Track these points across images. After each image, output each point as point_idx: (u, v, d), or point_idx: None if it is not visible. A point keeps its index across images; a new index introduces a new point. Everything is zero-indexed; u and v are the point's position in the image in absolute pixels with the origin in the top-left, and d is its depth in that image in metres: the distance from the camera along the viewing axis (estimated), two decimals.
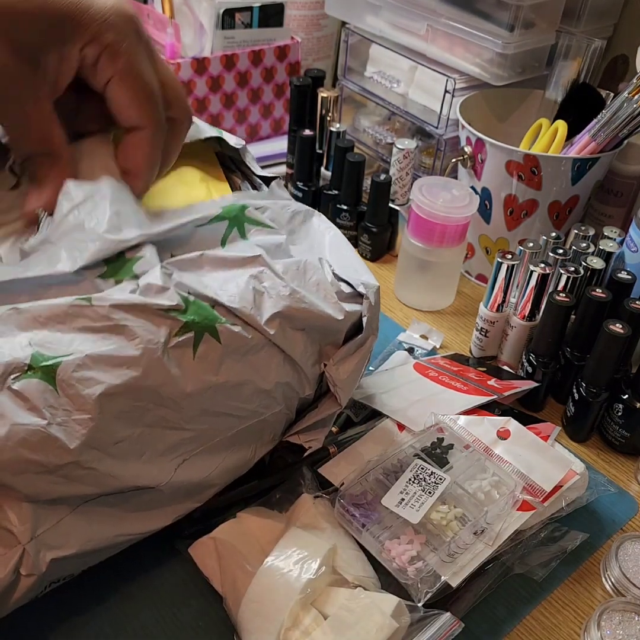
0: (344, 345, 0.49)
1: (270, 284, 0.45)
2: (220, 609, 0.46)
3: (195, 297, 0.42)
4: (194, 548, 0.48)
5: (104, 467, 0.39)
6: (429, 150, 0.86)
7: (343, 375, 0.49)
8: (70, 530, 0.40)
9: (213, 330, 0.42)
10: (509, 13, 0.74)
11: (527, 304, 0.65)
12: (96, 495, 0.41)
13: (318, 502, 0.49)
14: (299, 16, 1.01)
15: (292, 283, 0.46)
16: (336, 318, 0.47)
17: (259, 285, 0.44)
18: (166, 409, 0.41)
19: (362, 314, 0.49)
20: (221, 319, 0.42)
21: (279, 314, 0.44)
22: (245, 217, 0.48)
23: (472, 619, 0.48)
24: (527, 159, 0.69)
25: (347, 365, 0.49)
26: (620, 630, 0.47)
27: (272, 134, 1.02)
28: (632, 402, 0.59)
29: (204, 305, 0.42)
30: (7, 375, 0.37)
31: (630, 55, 0.84)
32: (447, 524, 0.48)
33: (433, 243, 0.72)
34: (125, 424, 0.40)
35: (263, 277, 0.45)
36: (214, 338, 0.42)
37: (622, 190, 0.78)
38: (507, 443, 0.54)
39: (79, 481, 0.39)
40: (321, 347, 0.49)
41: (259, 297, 0.44)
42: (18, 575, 0.39)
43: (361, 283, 0.49)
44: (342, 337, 0.49)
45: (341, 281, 0.49)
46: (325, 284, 0.48)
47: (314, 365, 0.49)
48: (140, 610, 0.47)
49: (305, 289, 0.46)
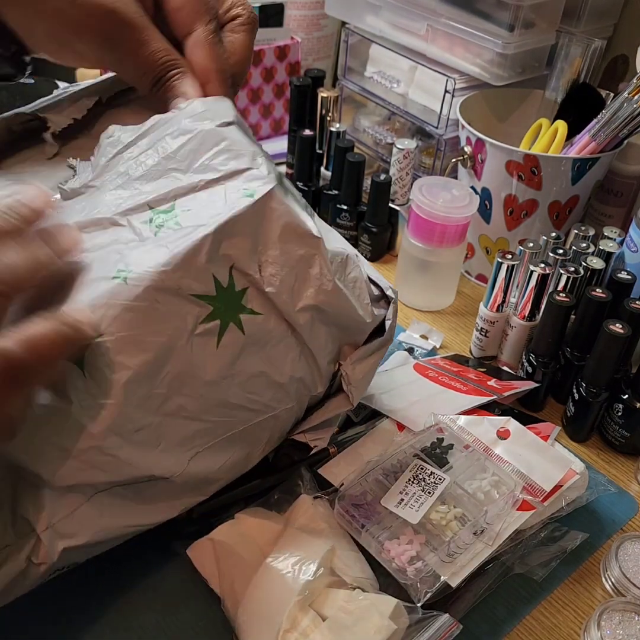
0: (363, 345, 0.50)
1: (317, 272, 0.44)
2: (219, 610, 0.46)
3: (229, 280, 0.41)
4: (193, 549, 0.48)
5: (124, 455, 0.39)
6: (429, 150, 0.85)
7: (359, 375, 0.49)
8: (83, 519, 0.40)
9: (238, 320, 0.42)
10: (509, 13, 0.74)
11: (527, 304, 0.65)
12: (111, 485, 0.41)
13: (317, 503, 0.49)
14: (298, 16, 1.01)
15: (335, 276, 0.45)
16: (366, 320, 0.47)
17: (307, 270, 0.43)
18: (185, 397, 0.41)
19: (386, 317, 0.49)
20: (246, 309, 0.42)
21: (314, 307, 0.44)
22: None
23: (472, 619, 0.47)
24: (527, 159, 0.69)
25: (364, 366, 0.50)
26: (620, 630, 0.47)
27: (272, 134, 1.02)
28: (632, 402, 0.59)
29: (235, 293, 0.41)
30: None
31: (630, 55, 0.84)
32: (446, 524, 0.48)
33: (433, 243, 0.72)
34: (146, 411, 0.39)
35: (313, 262, 0.44)
36: (238, 328, 0.42)
37: (622, 190, 0.78)
38: (507, 443, 0.54)
39: (99, 467, 0.39)
40: (341, 345, 0.49)
41: (300, 283, 0.43)
42: (30, 563, 0.39)
43: (389, 287, 0.49)
44: (364, 338, 0.50)
45: (370, 282, 0.49)
46: (361, 283, 0.47)
47: (330, 364, 0.49)
48: (140, 611, 0.47)
49: (345, 285, 0.46)
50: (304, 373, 0.47)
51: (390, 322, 0.49)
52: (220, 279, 0.40)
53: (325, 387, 0.50)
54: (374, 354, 0.50)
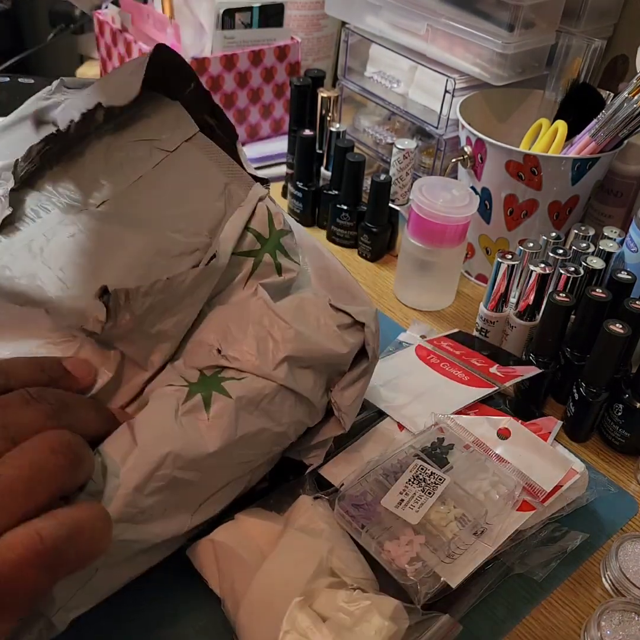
0: (349, 372, 0.50)
1: (273, 328, 0.45)
2: (219, 610, 0.46)
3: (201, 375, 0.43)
4: (192, 550, 0.48)
5: (131, 536, 0.40)
6: (429, 150, 0.85)
7: (348, 401, 0.50)
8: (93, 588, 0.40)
9: (221, 388, 0.42)
10: (509, 13, 0.74)
11: (527, 304, 0.65)
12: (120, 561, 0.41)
13: (317, 503, 0.49)
14: (299, 16, 1.01)
15: (294, 324, 0.45)
16: (341, 352, 0.47)
17: (263, 331, 0.44)
18: (192, 472, 0.41)
19: (365, 343, 0.49)
20: (226, 379, 0.43)
21: (286, 358, 0.44)
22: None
23: (472, 619, 0.47)
24: (527, 159, 0.69)
25: (351, 391, 0.50)
26: (621, 630, 0.47)
27: (272, 134, 1.02)
28: (632, 402, 0.59)
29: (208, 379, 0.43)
30: None
31: (630, 55, 0.84)
32: (446, 525, 0.48)
33: (433, 243, 0.72)
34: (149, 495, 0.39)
35: (265, 321, 0.45)
36: (223, 395, 0.42)
37: (622, 190, 0.78)
38: (507, 443, 0.54)
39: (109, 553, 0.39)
40: (329, 376, 0.49)
41: (263, 345, 0.44)
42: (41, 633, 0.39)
43: (360, 312, 0.49)
44: (348, 366, 0.50)
45: (339, 311, 0.49)
46: (325, 319, 0.47)
47: (323, 396, 0.49)
48: (140, 612, 0.47)
49: (308, 328, 0.46)
50: (302, 415, 0.47)
51: (370, 346, 0.49)
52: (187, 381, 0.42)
53: (321, 418, 0.50)
54: (360, 379, 0.50)
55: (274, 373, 0.44)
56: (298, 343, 0.45)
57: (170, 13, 0.88)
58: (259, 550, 0.46)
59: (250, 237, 0.47)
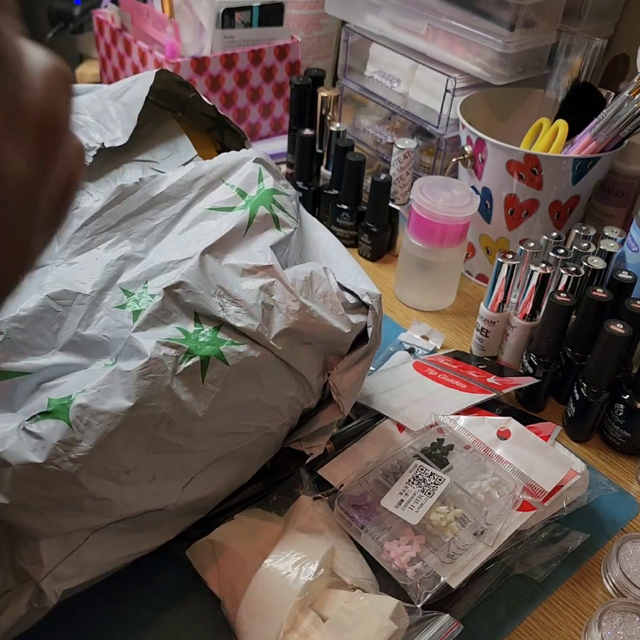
0: (348, 354, 0.49)
1: (280, 297, 0.44)
2: (219, 610, 0.46)
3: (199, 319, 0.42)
4: (192, 550, 0.48)
5: (117, 496, 0.40)
6: (429, 149, 0.85)
7: (347, 385, 0.49)
8: (81, 560, 0.40)
9: (219, 353, 0.42)
10: (510, 12, 0.74)
11: (528, 304, 0.65)
12: (107, 524, 0.41)
13: (317, 504, 0.49)
14: (299, 15, 1.01)
15: (301, 295, 0.45)
16: (343, 331, 0.47)
17: (269, 298, 0.44)
18: (177, 435, 0.41)
19: (367, 324, 0.49)
20: (225, 341, 0.42)
21: (288, 330, 0.44)
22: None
23: (472, 619, 0.47)
24: (527, 159, 0.69)
25: (351, 374, 0.49)
26: (621, 631, 0.47)
27: (272, 134, 1.01)
28: (632, 402, 0.59)
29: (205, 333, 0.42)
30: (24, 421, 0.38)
31: (631, 54, 0.84)
32: (446, 525, 0.48)
33: (433, 243, 0.72)
34: (135, 453, 0.40)
35: (273, 289, 0.44)
36: (221, 361, 0.42)
37: (623, 190, 0.78)
38: (507, 443, 0.54)
39: (93, 512, 0.39)
40: (326, 358, 0.49)
41: (268, 312, 0.44)
42: (31, 607, 0.39)
43: (365, 293, 0.49)
44: (348, 348, 0.49)
45: (345, 291, 0.49)
46: (331, 296, 0.47)
47: (319, 377, 0.49)
48: (140, 612, 0.47)
49: (313, 302, 0.46)
50: (296, 392, 0.47)
51: (371, 328, 0.49)
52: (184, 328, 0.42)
53: (317, 399, 0.50)
54: (360, 362, 0.50)
55: (272, 344, 0.44)
56: (302, 316, 0.45)
57: (170, 12, 0.88)
58: (258, 551, 0.46)
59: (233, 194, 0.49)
